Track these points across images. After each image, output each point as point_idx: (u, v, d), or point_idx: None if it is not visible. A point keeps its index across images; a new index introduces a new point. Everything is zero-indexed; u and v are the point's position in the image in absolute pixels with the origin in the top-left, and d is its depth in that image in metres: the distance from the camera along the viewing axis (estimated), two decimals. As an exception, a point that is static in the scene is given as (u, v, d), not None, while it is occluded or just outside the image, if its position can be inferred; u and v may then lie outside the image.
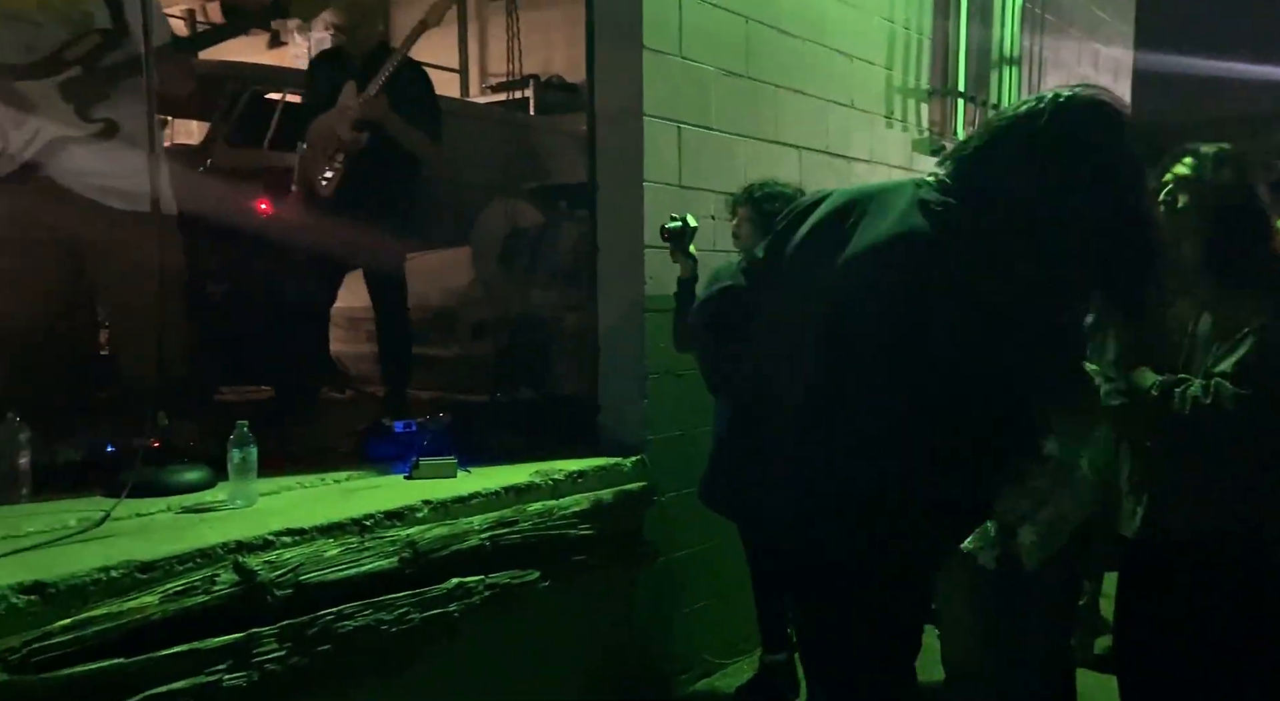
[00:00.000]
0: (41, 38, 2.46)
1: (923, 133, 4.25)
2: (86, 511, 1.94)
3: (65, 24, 2.48)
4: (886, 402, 1.41)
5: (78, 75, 2.46)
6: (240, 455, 2.11)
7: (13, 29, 2.44)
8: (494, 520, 2.28)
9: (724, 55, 3.13)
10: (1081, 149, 1.36)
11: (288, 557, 1.84)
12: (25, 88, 2.44)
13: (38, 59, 2.45)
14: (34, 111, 2.44)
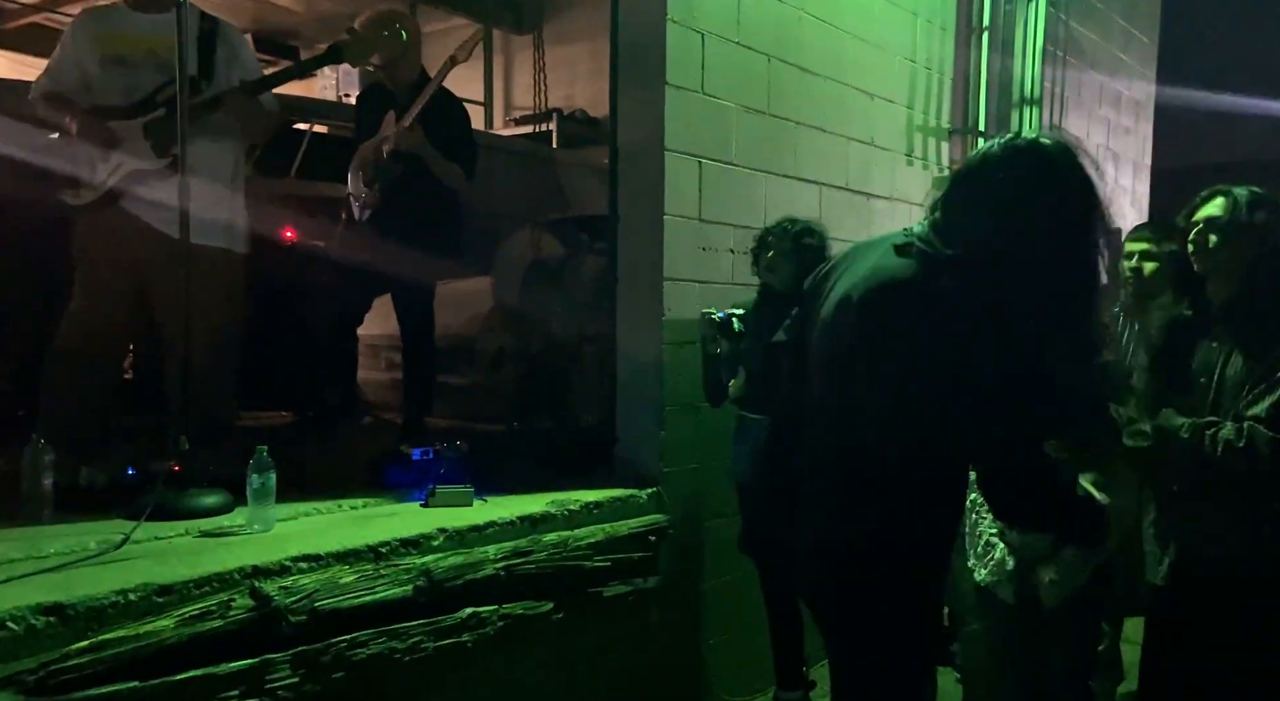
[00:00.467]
0: (139, 82, 2.68)
1: (943, 170, 4.26)
2: (107, 534, 1.96)
3: (162, 70, 2.67)
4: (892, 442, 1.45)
5: (161, 116, 2.65)
6: (259, 480, 2.13)
7: (116, 73, 2.69)
8: (509, 550, 2.28)
9: (746, 92, 3.17)
10: (1027, 192, 1.43)
11: (303, 584, 1.85)
12: (121, 126, 2.66)
13: (134, 102, 2.67)
14: (119, 147, 2.66)
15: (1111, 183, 5.98)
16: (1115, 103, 5.95)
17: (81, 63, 2.73)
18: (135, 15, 2.75)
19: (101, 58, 2.71)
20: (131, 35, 2.72)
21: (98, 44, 2.72)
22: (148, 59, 2.70)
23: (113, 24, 2.76)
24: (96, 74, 2.70)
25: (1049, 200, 1.44)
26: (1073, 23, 5.19)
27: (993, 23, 4.48)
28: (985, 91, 4.47)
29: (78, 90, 2.73)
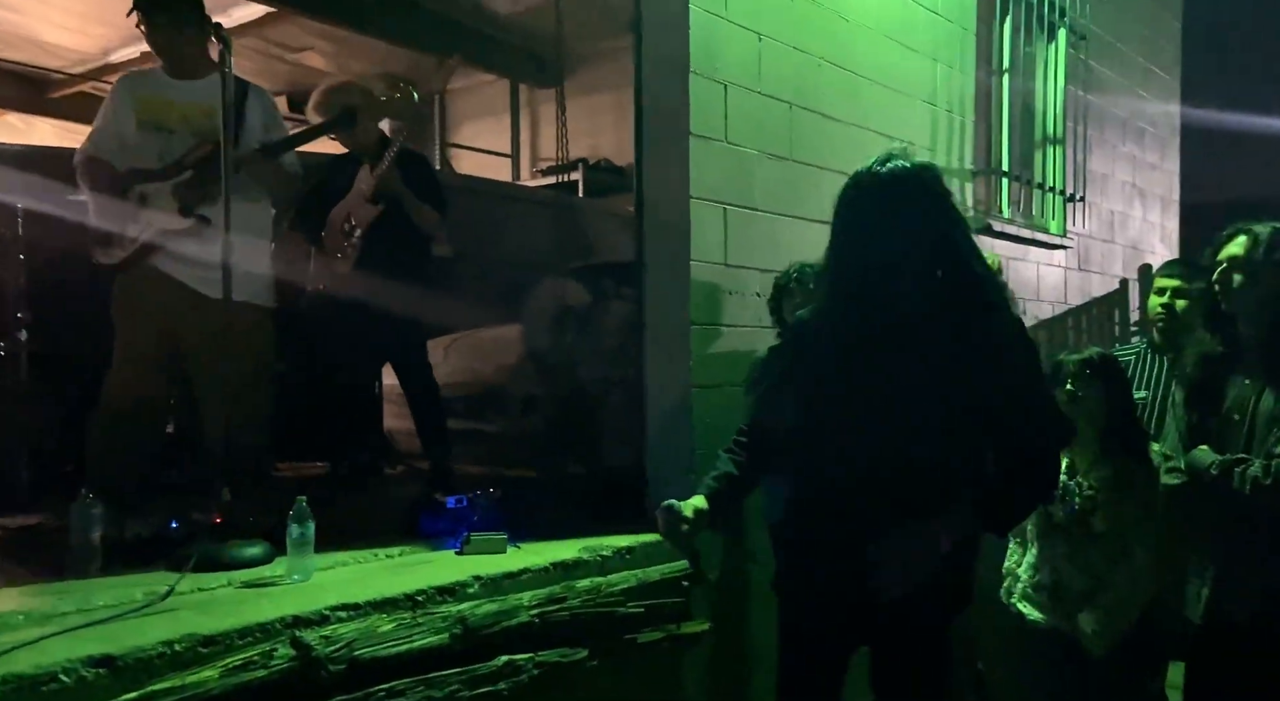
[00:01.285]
0: (172, 146, 2.79)
1: (968, 211, 4.29)
2: (153, 585, 2.00)
3: (196, 134, 2.79)
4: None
5: (189, 178, 2.76)
6: (299, 530, 2.17)
7: (152, 138, 2.79)
8: (543, 597, 2.29)
9: (768, 139, 3.23)
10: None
11: (343, 633, 1.87)
12: (151, 188, 2.77)
13: (166, 165, 2.78)
14: (148, 207, 2.76)
15: (1140, 219, 5.98)
16: (1139, 139, 5.97)
17: (120, 127, 2.82)
18: (172, 81, 2.85)
19: (139, 122, 2.81)
20: (168, 101, 2.82)
21: (135, 109, 2.81)
22: (182, 124, 2.80)
23: (150, 89, 2.85)
24: (133, 138, 2.80)
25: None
26: (1093, 62, 5.24)
27: (1013, 65, 4.54)
28: (1008, 132, 4.51)
29: (115, 153, 2.83)
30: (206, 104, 2.77)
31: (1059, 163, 4.99)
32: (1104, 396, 2.31)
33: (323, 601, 1.95)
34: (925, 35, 3.99)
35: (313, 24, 6.44)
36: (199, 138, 2.80)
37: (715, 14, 3.03)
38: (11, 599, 1.99)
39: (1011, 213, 4.59)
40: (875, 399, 1.64)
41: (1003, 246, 4.37)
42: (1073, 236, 5.08)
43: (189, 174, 2.76)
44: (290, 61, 7.14)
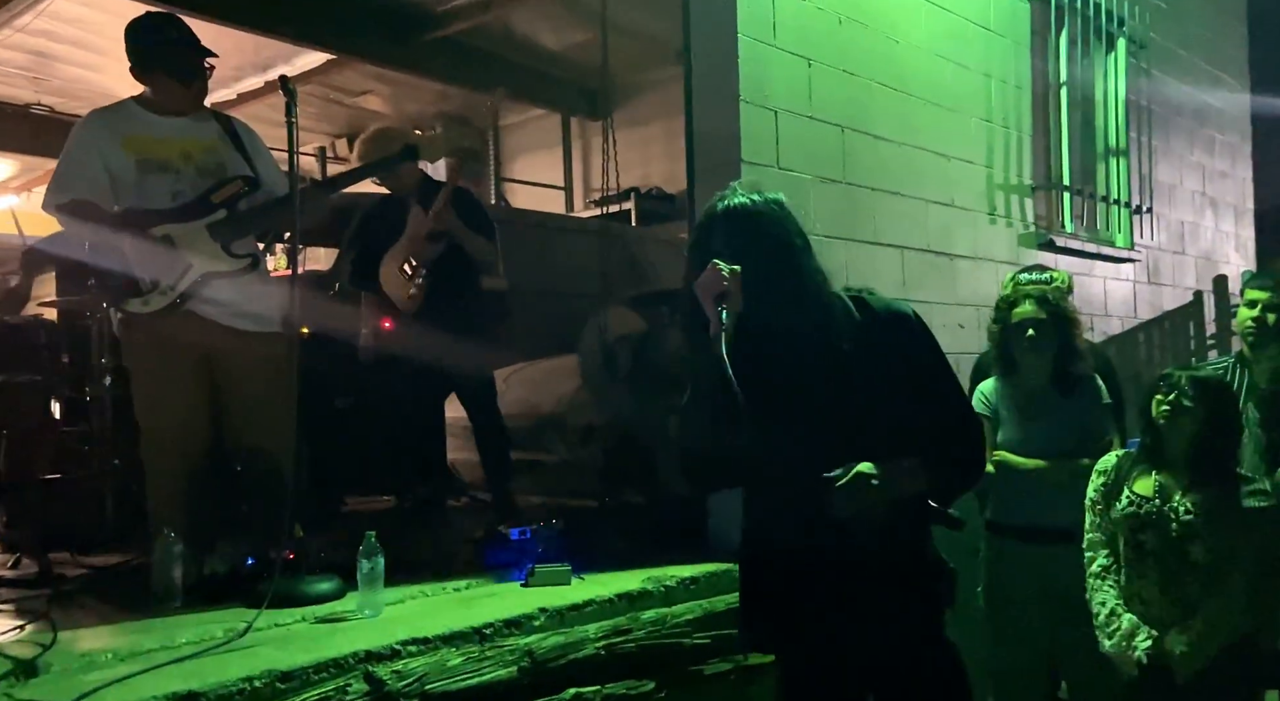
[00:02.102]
0: (182, 185, 2.72)
1: (1029, 227, 4.21)
2: (231, 622, 2.06)
3: (203, 173, 2.74)
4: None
5: (223, 218, 2.72)
6: (369, 565, 2.21)
7: (159, 178, 2.71)
8: (609, 628, 2.28)
9: (820, 163, 3.23)
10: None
11: (414, 667, 1.90)
12: (174, 230, 2.68)
13: (186, 203, 2.71)
14: (184, 250, 2.67)
15: (1212, 228, 5.79)
16: (1209, 148, 5.80)
17: (110, 166, 2.66)
18: (157, 118, 2.72)
19: (138, 162, 2.66)
20: (163, 139, 2.70)
21: (127, 148, 2.67)
22: (185, 162, 2.72)
23: (137, 128, 2.71)
24: (133, 178, 2.68)
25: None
26: (1155, 70, 5.12)
27: (1070, 78, 4.46)
28: (1067, 146, 4.43)
29: (104, 195, 2.67)
30: (205, 140, 2.75)
31: (1123, 174, 4.87)
32: (1205, 417, 2.22)
33: (394, 636, 1.98)
34: (978, 51, 3.95)
35: (371, 69, 6.66)
36: (204, 175, 2.73)
37: (764, 42, 3.05)
38: (100, 637, 2.06)
39: (1075, 227, 4.49)
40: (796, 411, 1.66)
41: (1066, 262, 4.27)
42: (1140, 249, 4.94)
43: (222, 213, 2.71)
44: (349, 105, 7.38)
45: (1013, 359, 2.63)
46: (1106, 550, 2.35)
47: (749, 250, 1.65)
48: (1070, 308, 2.68)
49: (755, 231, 1.67)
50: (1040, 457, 2.55)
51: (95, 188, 2.66)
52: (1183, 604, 2.20)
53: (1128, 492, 2.31)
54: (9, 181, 8.78)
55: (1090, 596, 2.35)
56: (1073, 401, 2.59)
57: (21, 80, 6.69)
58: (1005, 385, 2.68)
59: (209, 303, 2.68)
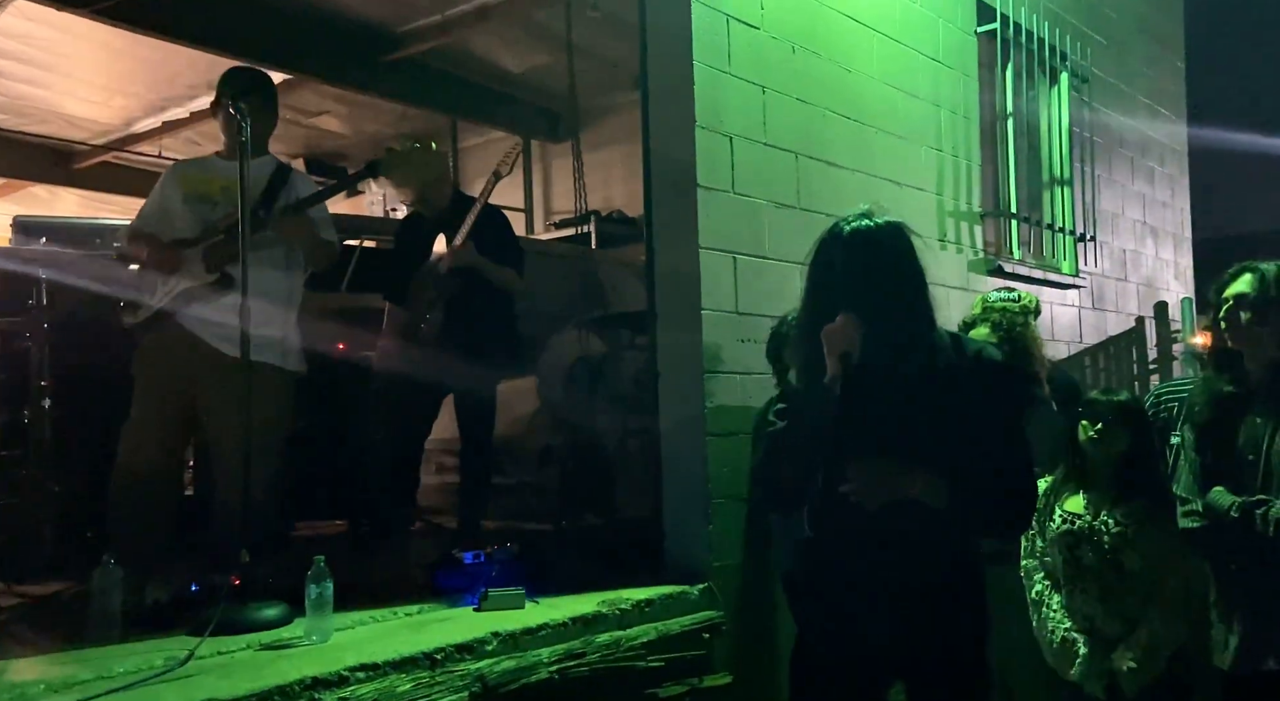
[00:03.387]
0: (213, 215, 2.88)
1: (978, 253, 4.31)
2: (173, 650, 2.00)
3: (233, 202, 2.78)
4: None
5: (219, 241, 2.84)
6: (317, 591, 2.17)
7: (196, 209, 2.90)
8: (562, 652, 2.27)
9: (775, 189, 3.27)
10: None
11: (361, 694, 1.86)
12: (188, 252, 2.85)
13: (204, 231, 2.87)
14: (178, 270, 2.84)
15: (1152, 256, 5.98)
16: (1149, 178, 6.00)
17: (166, 202, 2.96)
18: (220, 162, 3.00)
19: (185, 195, 2.94)
20: (213, 177, 2.96)
21: (182, 185, 2.96)
22: (223, 195, 2.89)
23: (199, 168, 3.03)
24: (179, 211, 2.92)
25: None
26: (1097, 104, 5.29)
27: (1015, 110, 4.60)
28: (1014, 175, 4.55)
29: (159, 226, 2.93)
30: (250, 179, 2.82)
31: (1068, 203, 5.02)
32: (1130, 438, 2.31)
33: (342, 662, 1.94)
34: (928, 82, 4.05)
35: (328, 89, 6.62)
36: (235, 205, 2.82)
37: (719, 69, 3.10)
38: (33, 668, 1.99)
39: (1022, 253, 4.60)
40: (882, 445, 1.69)
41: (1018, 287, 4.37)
42: (1085, 276, 5.08)
43: (220, 236, 2.85)
44: (306, 125, 7.33)
45: None
46: (1042, 574, 2.41)
47: (878, 280, 1.66)
48: (1027, 332, 2.74)
49: (888, 261, 1.68)
50: None
51: (150, 220, 2.96)
52: (1124, 616, 2.25)
53: (1059, 512, 2.38)
54: (-49, 198, 8.54)
55: (1037, 625, 2.39)
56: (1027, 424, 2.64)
57: (-34, 96, 6.53)
58: None
59: (192, 318, 2.81)
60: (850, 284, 1.67)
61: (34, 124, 7.06)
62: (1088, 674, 2.25)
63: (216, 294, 2.79)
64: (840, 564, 1.79)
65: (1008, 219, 4.52)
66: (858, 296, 1.65)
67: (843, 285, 1.68)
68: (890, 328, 1.67)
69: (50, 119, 6.99)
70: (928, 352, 1.70)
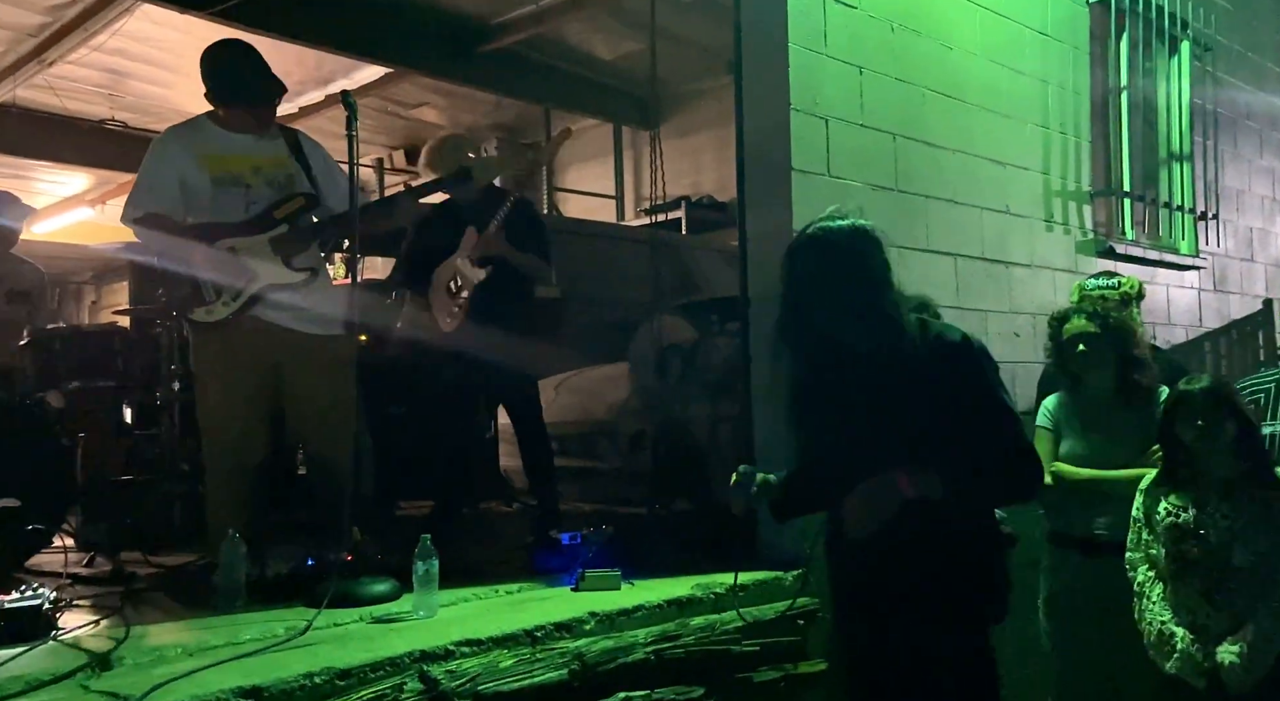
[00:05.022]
0: (254, 199, 2.83)
1: (1087, 234, 4.13)
2: (292, 620, 2.12)
3: (271, 186, 2.85)
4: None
5: (284, 233, 2.82)
6: (424, 567, 2.26)
7: (233, 194, 2.82)
8: (657, 633, 2.30)
9: (872, 171, 3.21)
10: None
11: (466, 667, 1.93)
12: (239, 242, 2.80)
13: (251, 217, 2.82)
14: (248, 261, 2.78)
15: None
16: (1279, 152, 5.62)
17: (187, 181, 2.77)
18: (230, 135, 2.82)
19: (213, 178, 2.77)
20: (236, 155, 2.81)
21: (203, 165, 2.77)
22: (256, 177, 2.83)
23: (213, 145, 2.82)
24: (209, 193, 2.80)
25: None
26: (1221, 73, 4.98)
27: (1131, 82, 4.37)
28: (1128, 152, 4.33)
29: (178, 209, 2.78)
30: (274, 155, 2.86)
31: (1187, 180, 4.75)
32: (1236, 427, 2.21)
33: (448, 637, 2.02)
34: (1034, 57, 3.89)
35: (427, 81, 6.80)
36: (273, 188, 2.84)
37: (815, 50, 3.05)
38: (169, 633, 2.15)
39: (1136, 233, 4.38)
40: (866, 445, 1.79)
41: (1127, 269, 4.16)
42: (1206, 256, 4.80)
43: (284, 228, 2.81)
44: (406, 117, 7.54)
45: (1073, 373, 2.60)
46: (1146, 565, 2.33)
47: (831, 278, 1.78)
48: (1125, 318, 2.62)
49: (837, 260, 1.79)
50: (1100, 470, 2.51)
51: (170, 202, 2.79)
52: (1230, 612, 2.16)
53: (1164, 504, 2.28)
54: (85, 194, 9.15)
55: (1138, 616, 2.31)
56: (1135, 412, 2.54)
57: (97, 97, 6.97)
58: (1069, 398, 2.64)
59: (272, 309, 2.78)
60: (811, 283, 1.79)
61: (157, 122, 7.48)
62: (1187, 668, 2.17)
63: (303, 288, 2.80)
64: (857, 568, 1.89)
65: (1120, 198, 4.31)
66: (819, 295, 1.78)
67: (805, 284, 1.80)
68: (849, 315, 1.78)
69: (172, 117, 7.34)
70: (892, 346, 1.78)
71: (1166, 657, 2.22)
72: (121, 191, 8.89)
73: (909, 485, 1.74)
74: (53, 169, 8.18)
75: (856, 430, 1.83)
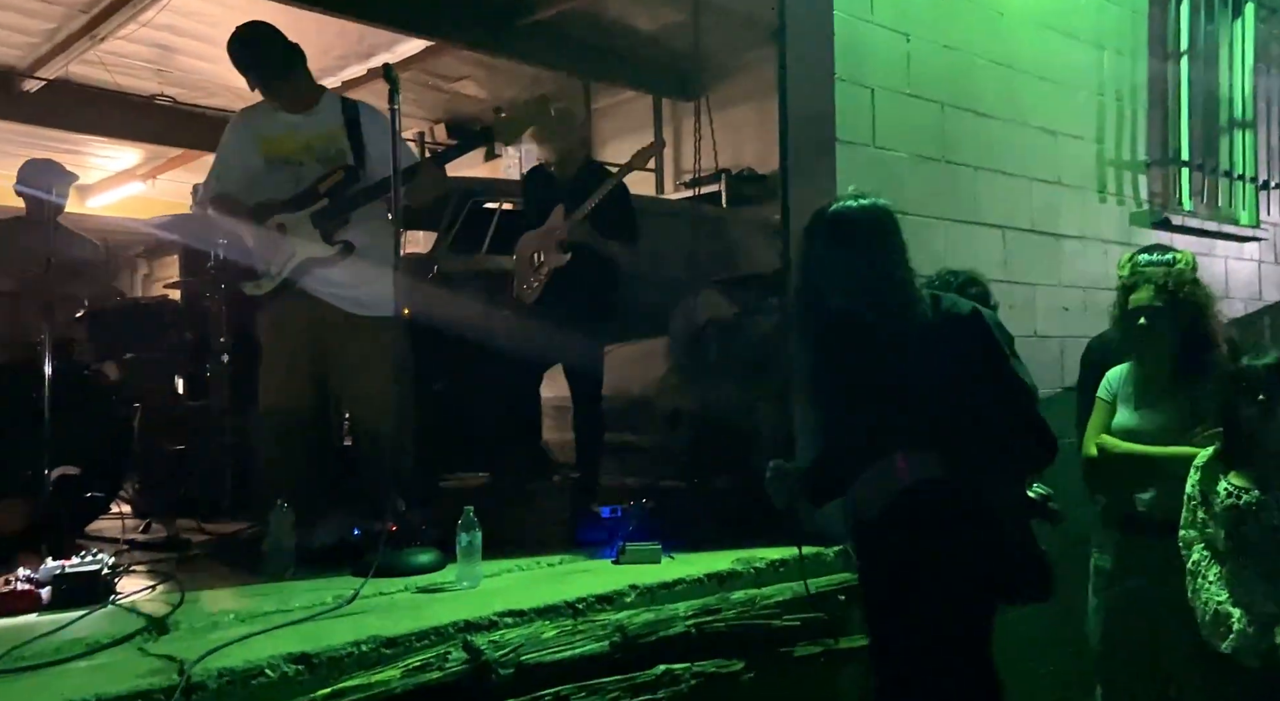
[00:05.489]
0: (303, 175, 2.90)
1: (1141, 205, 4.00)
2: (340, 589, 2.17)
3: (322, 162, 2.91)
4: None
5: (325, 206, 2.87)
6: (467, 539, 2.29)
7: (283, 173, 2.91)
8: (698, 607, 2.31)
9: (918, 142, 3.14)
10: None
11: (510, 638, 1.96)
12: (287, 219, 2.88)
13: (298, 193, 2.89)
14: (289, 237, 2.87)
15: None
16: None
17: (245, 164, 2.92)
18: (285, 116, 2.93)
19: (266, 159, 2.89)
20: (289, 136, 2.92)
21: (259, 146, 2.91)
22: (307, 154, 2.90)
23: (269, 127, 2.93)
24: (262, 172, 2.91)
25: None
26: (1285, 34, 4.78)
27: (1192, 44, 4.21)
28: (1186, 119, 4.18)
29: (243, 190, 2.91)
30: (326, 131, 2.90)
31: (1249, 148, 4.57)
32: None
33: (491, 607, 2.05)
34: (1090, 21, 3.76)
35: (468, 54, 6.78)
36: (323, 164, 2.90)
37: (860, 18, 2.98)
38: (222, 599, 2.22)
39: (1194, 204, 4.24)
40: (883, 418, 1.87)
41: (1183, 241, 4.04)
42: (1267, 227, 4.63)
43: (324, 202, 2.86)
44: (447, 91, 7.54)
45: (1134, 345, 2.54)
46: (1202, 545, 2.27)
47: (848, 256, 1.84)
48: (1195, 292, 2.54)
49: (855, 238, 1.85)
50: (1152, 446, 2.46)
51: (235, 184, 2.95)
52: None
53: (1224, 484, 2.22)
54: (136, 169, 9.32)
55: (1191, 595, 2.26)
56: (1192, 389, 2.47)
57: (146, 72, 7.07)
58: (1132, 370, 2.58)
59: (313, 283, 2.86)
60: (828, 261, 1.87)
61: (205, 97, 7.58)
62: (1244, 648, 2.13)
63: (338, 262, 2.85)
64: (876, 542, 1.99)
65: (1177, 167, 4.17)
66: (836, 272, 1.85)
67: (823, 262, 1.87)
68: (866, 301, 1.85)
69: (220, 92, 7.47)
70: (904, 321, 1.84)
71: (1222, 638, 2.18)
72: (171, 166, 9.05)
73: (906, 469, 1.83)
74: (105, 144, 8.33)
75: (871, 406, 1.88)
